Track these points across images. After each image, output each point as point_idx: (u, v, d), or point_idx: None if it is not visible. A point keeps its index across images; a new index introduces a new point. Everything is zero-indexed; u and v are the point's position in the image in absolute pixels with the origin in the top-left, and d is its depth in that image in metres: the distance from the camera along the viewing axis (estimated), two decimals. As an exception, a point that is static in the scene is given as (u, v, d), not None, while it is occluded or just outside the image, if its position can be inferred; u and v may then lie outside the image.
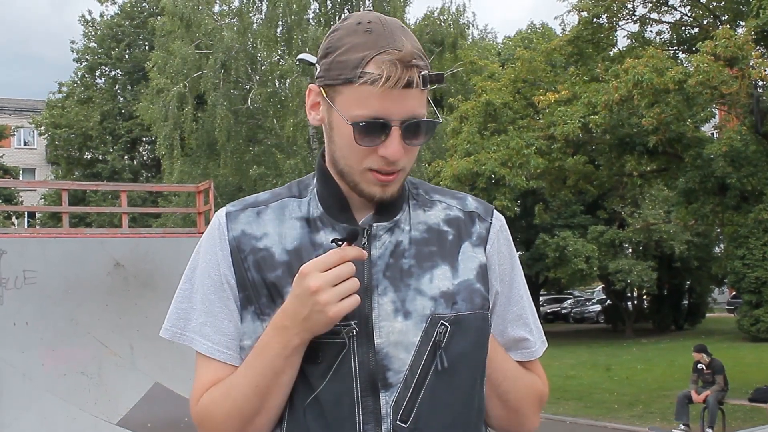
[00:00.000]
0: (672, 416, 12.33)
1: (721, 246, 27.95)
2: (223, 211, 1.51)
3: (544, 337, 1.62)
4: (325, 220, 1.45)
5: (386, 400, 1.37)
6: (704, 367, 12.31)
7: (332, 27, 1.45)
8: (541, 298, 37.63)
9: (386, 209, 1.46)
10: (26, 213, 39.10)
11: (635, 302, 33.27)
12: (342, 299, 1.32)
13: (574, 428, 13.45)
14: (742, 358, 18.76)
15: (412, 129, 1.37)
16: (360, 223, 1.44)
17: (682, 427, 11.81)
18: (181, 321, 1.48)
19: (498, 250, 1.53)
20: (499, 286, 1.52)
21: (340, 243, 1.36)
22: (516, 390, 1.55)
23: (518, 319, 1.56)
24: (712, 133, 17.65)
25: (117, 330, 10.04)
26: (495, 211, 1.58)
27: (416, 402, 1.38)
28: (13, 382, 9.20)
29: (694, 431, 11.90)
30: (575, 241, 26.06)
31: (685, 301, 32.27)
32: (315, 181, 1.51)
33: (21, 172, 41.37)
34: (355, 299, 1.33)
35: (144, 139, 38.24)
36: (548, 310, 40.88)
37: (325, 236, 1.43)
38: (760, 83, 12.65)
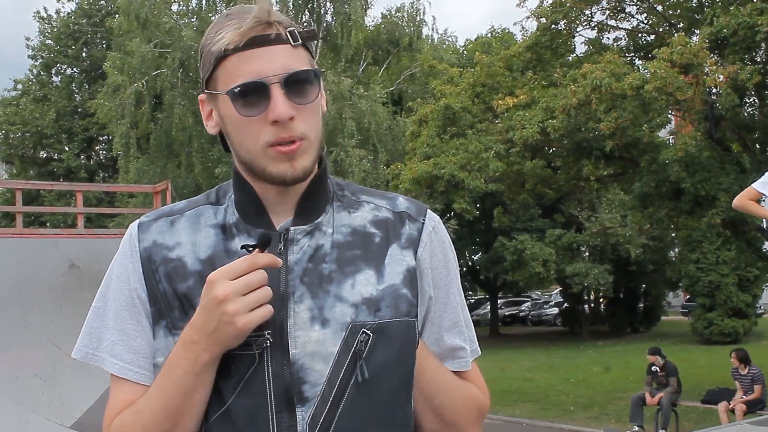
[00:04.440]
0: (627, 418, 12.48)
1: (676, 250, 28.40)
2: (136, 222, 1.43)
3: (477, 346, 1.52)
4: (241, 226, 1.37)
5: (302, 415, 1.27)
6: (658, 370, 12.47)
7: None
8: (499, 301, 37.81)
9: (307, 212, 1.37)
10: (-22, 212, 38.36)
11: (592, 305, 33.64)
12: (252, 309, 1.22)
13: (530, 430, 13.55)
14: (696, 361, 19.06)
15: (293, 83, 1.29)
16: (278, 228, 1.35)
17: (636, 428, 11.96)
18: (94, 341, 1.39)
19: (431, 253, 1.41)
20: (433, 291, 1.41)
21: (251, 249, 1.25)
22: (452, 403, 1.44)
23: (454, 327, 1.45)
24: (668, 139, 17.89)
25: (71, 332, 9.87)
26: (429, 211, 1.46)
27: (334, 417, 1.27)
28: (-37, 384, 9.02)
29: (648, 432, 12.06)
30: (533, 245, 26.27)
31: (641, 304, 32.70)
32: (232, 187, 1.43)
33: (-27, 170, 40.61)
34: (267, 309, 1.24)
35: (100, 138, 37.73)
36: (506, 313, 41.13)
37: (240, 243, 1.33)
38: (714, 90, 12.85)
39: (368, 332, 1.29)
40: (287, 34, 1.30)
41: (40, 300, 9.74)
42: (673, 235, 22.50)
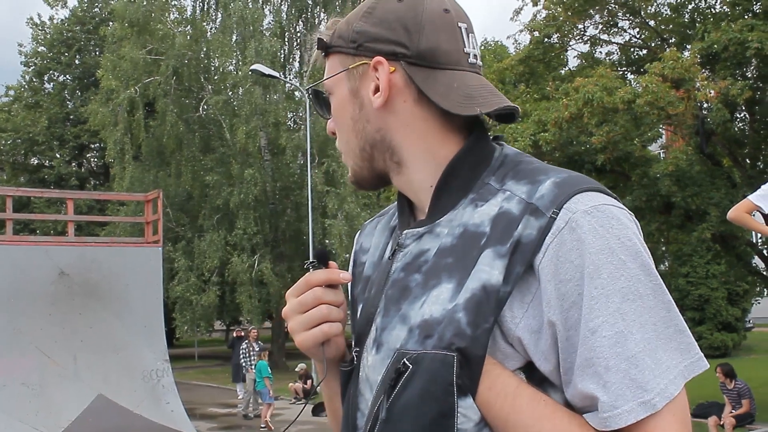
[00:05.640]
0: None
1: (666, 263, 28.47)
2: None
3: (654, 395, 0.99)
4: (397, 228, 1.27)
5: None
6: (648, 383, 12.49)
7: None
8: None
9: (433, 211, 1.16)
10: (-32, 219, 38.10)
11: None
12: (310, 328, 1.17)
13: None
14: (685, 375, 19.06)
15: (319, 100, 1.28)
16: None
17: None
18: None
19: (558, 260, 1.01)
20: (557, 314, 1.01)
21: (310, 266, 1.21)
22: None
23: (587, 366, 1.00)
24: (659, 153, 17.99)
25: (60, 340, 9.85)
26: (579, 196, 1.04)
27: None
28: (-50, 392, 8.96)
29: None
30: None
31: (631, 318, 32.76)
32: None
33: (-36, 176, 40.47)
34: (320, 330, 1.16)
35: (92, 145, 37.66)
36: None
37: (391, 246, 1.24)
38: (705, 105, 12.94)
39: (408, 363, 1.06)
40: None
41: (29, 308, 9.70)
42: (664, 248, 22.58)
